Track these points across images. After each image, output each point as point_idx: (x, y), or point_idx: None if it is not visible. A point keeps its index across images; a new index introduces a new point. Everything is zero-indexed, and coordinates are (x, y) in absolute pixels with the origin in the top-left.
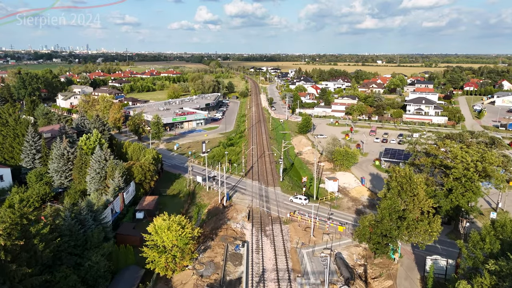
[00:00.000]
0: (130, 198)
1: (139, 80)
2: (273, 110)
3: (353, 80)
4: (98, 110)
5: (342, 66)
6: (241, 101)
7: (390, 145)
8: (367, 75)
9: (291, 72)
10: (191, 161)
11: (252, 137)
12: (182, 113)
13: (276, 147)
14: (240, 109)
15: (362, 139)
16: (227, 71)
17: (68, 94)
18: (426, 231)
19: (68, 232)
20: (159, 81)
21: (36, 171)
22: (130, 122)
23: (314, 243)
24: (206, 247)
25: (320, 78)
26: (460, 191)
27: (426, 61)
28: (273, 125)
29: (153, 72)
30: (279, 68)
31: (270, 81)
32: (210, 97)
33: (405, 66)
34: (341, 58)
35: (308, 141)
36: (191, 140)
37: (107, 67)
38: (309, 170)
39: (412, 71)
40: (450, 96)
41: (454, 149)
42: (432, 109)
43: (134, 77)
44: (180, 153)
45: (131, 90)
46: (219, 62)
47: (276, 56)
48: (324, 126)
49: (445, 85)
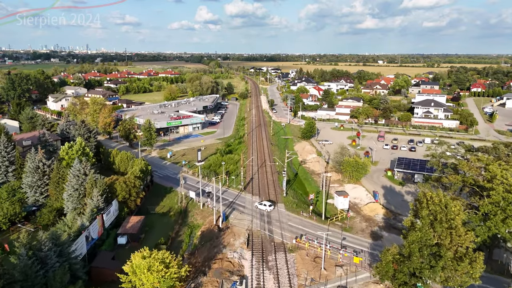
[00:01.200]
0: (112, 219)
1: (135, 81)
2: (274, 112)
3: (356, 81)
4: (88, 114)
5: (343, 66)
6: (241, 103)
7: (401, 153)
8: (369, 75)
9: (292, 72)
10: (185, 171)
11: (252, 143)
12: (177, 117)
13: (278, 154)
14: (239, 111)
15: (370, 145)
16: (227, 71)
17: (59, 96)
18: (467, 272)
19: (21, 277)
20: (156, 82)
21: (8, 186)
22: (121, 127)
23: (325, 279)
24: (197, 285)
25: (322, 79)
26: (500, 218)
27: (427, 61)
28: (274, 129)
29: (151, 73)
30: (279, 68)
31: (270, 82)
32: (208, 99)
33: (407, 66)
34: (342, 58)
35: (312, 148)
36: (186, 147)
37: (104, 67)
38: (315, 181)
39: (414, 72)
40: (458, 98)
41: (492, 167)
42: (442, 112)
43: (131, 78)
44: (173, 161)
45: (126, 91)
46: (219, 62)
47: (276, 56)
48: (329, 131)
49: (450, 86)
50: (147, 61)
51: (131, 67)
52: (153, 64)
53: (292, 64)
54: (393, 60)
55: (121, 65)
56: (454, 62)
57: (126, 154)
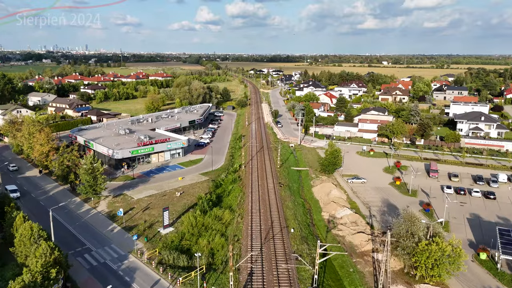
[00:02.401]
0: None
1: (119, 85)
2: (279, 127)
3: (369, 85)
4: (21, 138)
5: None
6: (238, 112)
7: (474, 201)
8: (383, 78)
9: (295, 74)
10: (136, 252)
11: (251, 182)
12: (149, 141)
13: (291, 206)
14: (236, 126)
15: (419, 184)
16: (225, 73)
17: (9, 107)
18: None
19: None
20: (143, 86)
21: None
22: (56, 164)
23: None
24: None
25: (329, 82)
26: None
27: (434, 62)
28: (282, 155)
29: (140, 75)
30: (281, 70)
31: (272, 86)
32: (198, 110)
33: (415, 68)
34: (345, 59)
35: (340, 193)
36: (155, 191)
37: (88, 69)
38: (361, 275)
39: (425, 73)
40: (500, 108)
41: None
42: (494, 129)
43: (114, 82)
44: (127, 225)
45: (105, 98)
46: (216, 63)
47: (276, 56)
48: (354, 157)
49: (478, 91)
50: (144, 61)
51: (124, 68)
52: (148, 65)
53: (294, 65)
54: (398, 61)
55: (114, 66)
56: (461, 63)
57: (29, 231)
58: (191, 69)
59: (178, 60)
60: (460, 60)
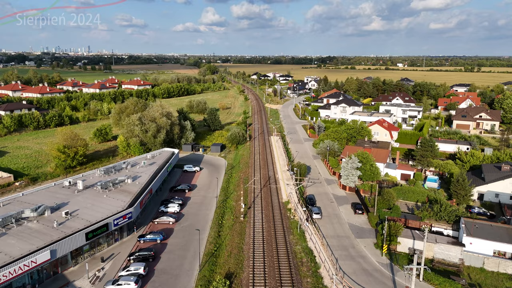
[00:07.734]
0: None
1: (61, 100)
2: (316, 216)
3: (424, 99)
4: None
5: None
6: (229, 159)
7: None
8: (433, 88)
9: (309, 81)
10: None
11: None
12: None
13: None
14: (216, 216)
15: None
16: (221, 78)
17: None
18: None
19: None
20: (96, 103)
21: None
22: None
23: None
24: None
25: (359, 94)
26: None
27: (453, 64)
28: None
29: (106, 85)
30: (290, 75)
31: (281, 97)
32: (143, 172)
33: (440, 71)
34: (355, 61)
35: None
36: None
37: (39, 75)
38: None
39: (466, 78)
40: None
41: None
42: None
43: (71, 93)
44: None
45: (19, 125)
46: (213, 67)
47: (281, 58)
48: None
49: None
50: (139, 64)
51: (108, 72)
52: (139, 67)
53: (301, 67)
54: (415, 63)
55: (98, 69)
56: (484, 65)
57: None
58: (187, 73)
59: (176, 62)
60: (483, 63)
